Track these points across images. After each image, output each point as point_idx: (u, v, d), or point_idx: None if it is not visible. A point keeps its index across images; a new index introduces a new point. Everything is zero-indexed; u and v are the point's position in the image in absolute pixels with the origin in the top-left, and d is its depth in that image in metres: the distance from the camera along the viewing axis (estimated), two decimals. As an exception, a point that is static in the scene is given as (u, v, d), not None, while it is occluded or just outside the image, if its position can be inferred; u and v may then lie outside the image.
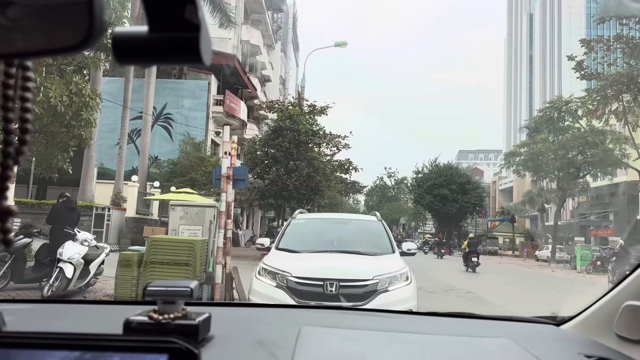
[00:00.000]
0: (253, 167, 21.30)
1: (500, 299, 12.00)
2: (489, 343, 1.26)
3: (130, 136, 24.84)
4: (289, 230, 7.07)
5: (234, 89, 31.10)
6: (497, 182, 76.17)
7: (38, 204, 18.07)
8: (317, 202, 22.73)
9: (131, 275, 7.73)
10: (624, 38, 27.43)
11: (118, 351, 0.65)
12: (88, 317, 1.42)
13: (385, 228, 7.11)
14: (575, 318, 1.46)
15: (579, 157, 35.46)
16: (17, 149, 0.52)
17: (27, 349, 0.65)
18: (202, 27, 0.48)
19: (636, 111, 29.32)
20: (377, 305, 5.19)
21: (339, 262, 5.98)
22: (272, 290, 5.50)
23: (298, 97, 31.33)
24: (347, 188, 34.22)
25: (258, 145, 23.37)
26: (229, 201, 7.78)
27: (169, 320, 0.92)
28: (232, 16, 25.83)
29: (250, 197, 22.69)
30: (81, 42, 0.48)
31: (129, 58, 0.50)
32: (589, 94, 31.80)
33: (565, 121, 35.67)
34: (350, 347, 1.17)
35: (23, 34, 0.48)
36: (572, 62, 29.47)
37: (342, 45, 32.64)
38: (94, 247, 8.66)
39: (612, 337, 1.24)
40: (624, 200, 38.23)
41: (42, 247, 8.89)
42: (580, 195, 42.08)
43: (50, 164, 11.79)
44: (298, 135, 21.49)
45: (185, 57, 0.49)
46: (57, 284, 7.77)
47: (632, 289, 1.26)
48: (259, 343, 1.11)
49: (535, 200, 47.16)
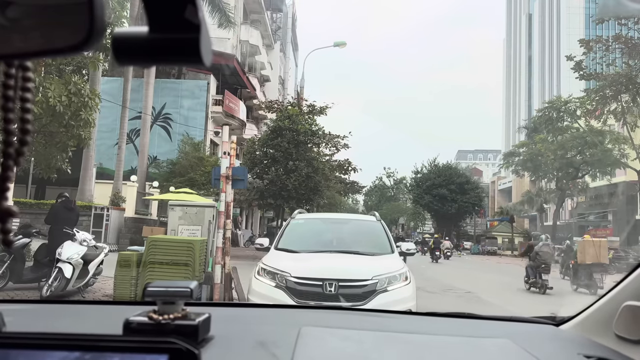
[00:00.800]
0: (252, 167, 21.29)
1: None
2: (488, 343, 1.26)
3: (129, 136, 24.83)
4: (288, 230, 7.06)
5: (233, 89, 31.10)
6: (496, 182, 76.24)
7: (37, 204, 18.05)
8: (316, 202, 22.72)
9: (130, 276, 7.73)
10: (623, 38, 27.49)
11: (118, 352, 0.65)
12: (87, 318, 1.42)
13: (384, 228, 7.11)
14: (574, 318, 1.46)
15: (578, 157, 35.54)
16: (17, 149, 0.52)
17: (26, 350, 0.65)
18: (202, 28, 0.48)
19: (635, 111, 29.38)
20: (377, 305, 5.19)
21: (338, 262, 5.98)
22: (272, 291, 5.50)
23: (297, 97, 31.33)
24: (346, 188, 34.23)
25: (257, 145, 23.36)
26: (228, 201, 7.78)
27: (169, 320, 0.92)
28: (231, 16, 25.82)
29: (249, 197, 22.69)
30: (81, 43, 0.48)
31: (128, 59, 0.50)
32: (588, 94, 31.87)
33: (564, 121, 35.76)
34: (350, 347, 1.17)
35: (23, 34, 0.48)
36: (571, 62, 29.53)
37: (341, 45, 32.65)
38: (92, 247, 8.65)
39: (611, 338, 1.24)
40: (623, 200, 38.29)
41: (41, 247, 8.88)
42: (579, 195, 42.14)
43: (49, 164, 11.79)
44: (297, 135, 21.49)
45: (185, 57, 0.49)
46: (56, 284, 7.77)
47: (631, 289, 1.26)
48: (259, 343, 1.11)
49: (534, 200, 47.23)
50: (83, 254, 8.19)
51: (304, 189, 20.85)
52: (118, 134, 22.53)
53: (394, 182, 68.69)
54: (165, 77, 27.95)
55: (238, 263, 9.25)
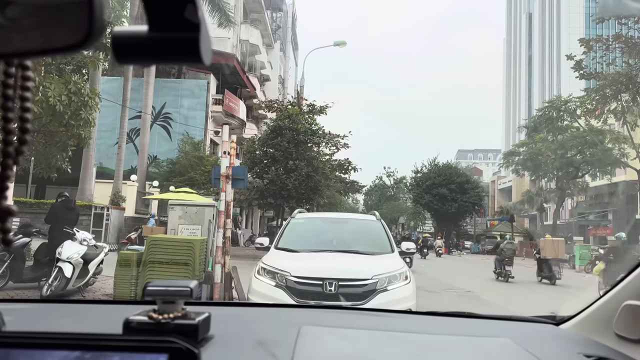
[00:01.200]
0: (252, 166, 21.29)
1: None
2: (488, 342, 1.26)
3: (129, 135, 24.83)
4: (288, 229, 7.06)
5: (233, 88, 31.09)
6: (496, 182, 76.17)
7: (37, 204, 18.05)
8: (316, 202, 22.72)
9: (130, 275, 7.72)
10: (623, 37, 27.46)
11: (118, 351, 0.65)
12: (87, 317, 1.42)
13: (384, 227, 7.11)
14: (574, 318, 1.46)
15: (578, 156, 35.51)
16: (16, 148, 0.52)
17: (26, 349, 0.65)
18: (202, 27, 0.48)
19: (635, 110, 29.36)
20: (376, 304, 5.19)
21: (338, 261, 5.98)
22: (272, 290, 5.50)
23: (297, 96, 31.31)
24: (346, 187, 34.21)
25: (257, 145, 23.36)
26: (228, 200, 7.78)
27: (169, 320, 0.92)
28: (231, 15, 25.83)
29: (249, 197, 22.69)
30: (81, 42, 0.48)
31: (128, 58, 0.50)
32: (588, 93, 31.83)
33: (564, 121, 35.72)
34: (349, 346, 1.17)
35: (22, 33, 0.48)
36: (571, 62, 29.50)
37: (341, 45, 32.62)
38: (93, 246, 8.65)
39: (611, 337, 1.24)
40: (623, 200, 38.27)
41: (41, 247, 8.89)
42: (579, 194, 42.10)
43: (49, 164, 11.78)
44: (297, 135, 21.48)
45: (185, 56, 0.49)
46: (56, 284, 7.77)
47: (631, 289, 1.26)
48: (259, 342, 1.11)
49: (534, 200, 47.19)
50: (83, 253, 8.19)
51: (304, 188, 20.86)
52: (118, 134, 22.53)
53: (394, 182, 68.61)
54: (165, 76, 27.94)
55: (238, 262, 9.25)
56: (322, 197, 23.14)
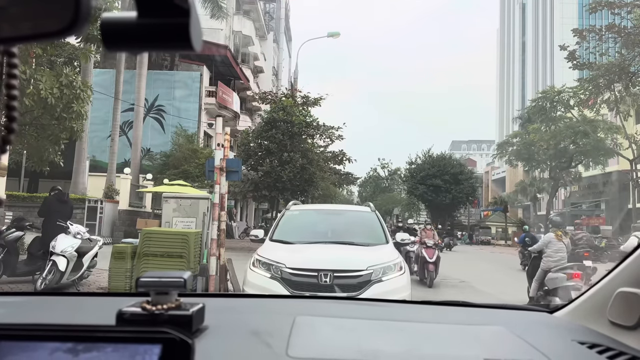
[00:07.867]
0: (246, 158, 21.23)
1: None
2: (483, 331, 1.26)
3: (122, 128, 24.67)
4: (283, 221, 7.07)
5: (226, 80, 30.90)
6: (490, 172, 76.49)
7: (30, 197, 17.95)
8: (311, 194, 22.71)
9: (125, 268, 7.72)
10: (616, 28, 27.46)
11: (111, 342, 0.65)
12: (81, 309, 1.41)
13: (378, 219, 7.13)
14: (568, 305, 1.47)
15: (571, 146, 35.65)
16: (3, 137, 0.51)
17: (19, 341, 0.65)
18: (192, 13, 0.48)
19: (627, 100, 29.47)
20: (371, 295, 5.22)
21: (333, 252, 6.00)
22: (267, 282, 5.51)
23: (291, 88, 31.19)
24: (341, 179, 34.21)
25: (251, 137, 23.28)
26: (223, 193, 7.77)
27: (162, 311, 0.92)
28: (223, 6, 25.61)
29: (244, 189, 22.64)
30: (67, 27, 0.47)
31: (118, 44, 0.49)
32: (581, 83, 31.89)
33: (557, 111, 35.79)
34: (344, 336, 1.17)
35: (8, 20, 0.47)
36: (564, 52, 29.48)
37: (335, 36, 32.49)
38: (87, 240, 8.62)
39: (605, 324, 1.25)
40: (616, 189, 38.54)
41: (34, 240, 8.85)
42: (572, 184, 42.38)
43: (42, 157, 11.69)
44: (291, 127, 21.43)
45: (175, 43, 0.49)
46: (50, 277, 7.75)
47: (624, 276, 1.27)
48: (253, 333, 1.11)
49: (528, 190, 47.46)
50: (77, 246, 8.16)
51: (299, 180, 20.84)
52: (111, 126, 22.37)
53: (389, 173, 68.69)
54: (158, 68, 27.72)
55: (233, 255, 9.26)
56: (317, 189, 23.12)
